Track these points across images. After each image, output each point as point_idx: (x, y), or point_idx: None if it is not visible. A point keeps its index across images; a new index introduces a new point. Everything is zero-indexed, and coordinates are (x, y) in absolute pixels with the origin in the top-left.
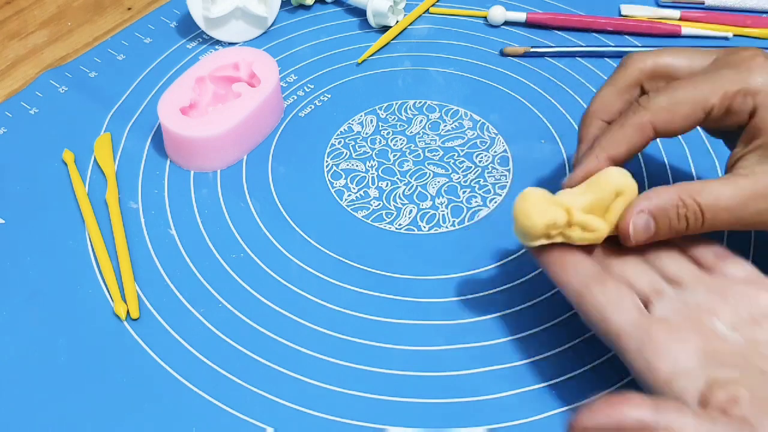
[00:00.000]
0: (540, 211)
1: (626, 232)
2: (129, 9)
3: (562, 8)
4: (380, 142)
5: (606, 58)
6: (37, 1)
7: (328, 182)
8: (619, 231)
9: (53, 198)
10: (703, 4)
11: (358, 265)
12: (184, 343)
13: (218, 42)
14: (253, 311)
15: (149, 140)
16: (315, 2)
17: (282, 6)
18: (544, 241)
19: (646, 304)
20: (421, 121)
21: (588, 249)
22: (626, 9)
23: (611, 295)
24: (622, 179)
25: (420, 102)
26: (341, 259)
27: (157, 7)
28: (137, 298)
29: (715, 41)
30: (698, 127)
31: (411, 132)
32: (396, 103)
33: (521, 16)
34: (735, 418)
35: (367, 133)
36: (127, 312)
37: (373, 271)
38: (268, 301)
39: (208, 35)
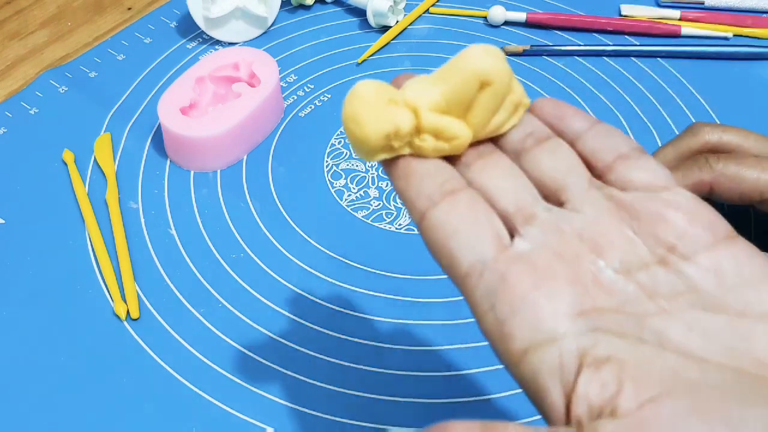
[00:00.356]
0: (376, 116)
1: None
2: (129, 9)
3: (562, 8)
4: None
5: (605, 58)
6: (37, 1)
7: (328, 182)
8: None
9: (53, 198)
10: (703, 4)
11: (358, 265)
12: (184, 343)
13: (218, 42)
14: (253, 311)
15: (149, 140)
16: (315, 2)
17: (282, 6)
18: (385, 156)
19: (512, 233)
20: None
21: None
22: (626, 9)
23: (464, 217)
24: (487, 63)
25: None
26: (341, 259)
27: (157, 7)
28: (137, 298)
29: (715, 41)
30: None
31: None
32: None
33: (521, 16)
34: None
35: None
36: (127, 312)
37: (373, 271)
38: (268, 301)
39: (208, 35)
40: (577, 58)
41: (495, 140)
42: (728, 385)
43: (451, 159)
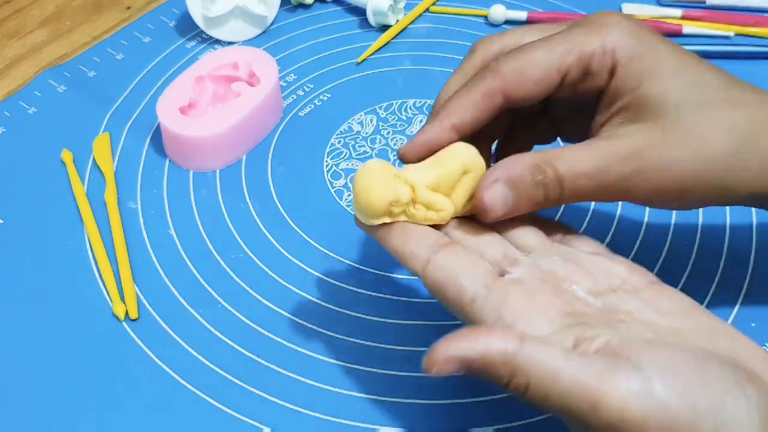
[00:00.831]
0: (382, 186)
1: (482, 205)
2: (128, 8)
3: (563, 7)
4: (380, 142)
5: None
6: (36, 1)
7: (327, 182)
8: (475, 206)
9: (52, 198)
10: (705, 3)
11: (358, 265)
12: (182, 343)
13: (218, 41)
14: (253, 311)
15: (148, 140)
16: (314, 1)
17: (281, 5)
18: (386, 220)
19: (501, 274)
20: (422, 120)
21: (434, 225)
22: (627, 8)
23: (462, 260)
24: (469, 155)
25: (420, 101)
26: (341, 259)
27: (156, 6)
28: (136, 298)
29: (717, 40)
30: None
31: (411, 132)
32: (396, 103)
33: (522, 15)
34: (608, 354)
35: (367, 133)
36: (126, 312)
37: (373, 271)
38: (267, 301)
39: (207, 34)
40: None
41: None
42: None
43: (438, 228)
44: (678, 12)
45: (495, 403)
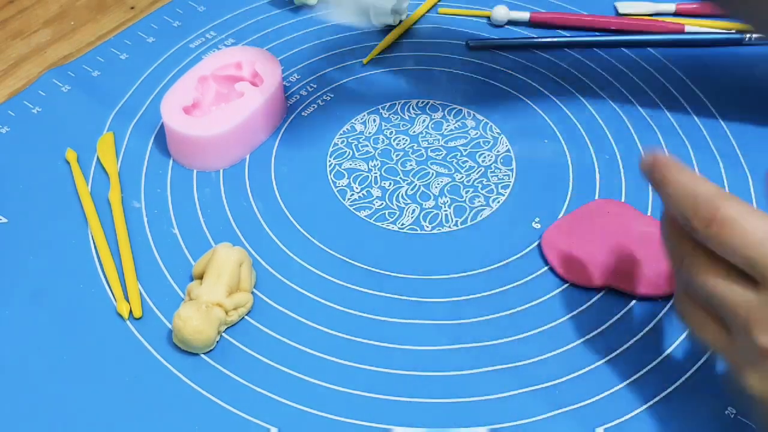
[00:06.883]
0: (208, 323)
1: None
2: (132, 8)
3: (565, 7)
4: (383, 142)
5: (597, 49)
6: (40, 1)
7: (330, 182)
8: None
9: (56, 197)
10: None
11: (361, 265)
12: None
13: (221, 41)
14: (256, 311)
15: (152, 139)
16: (318, 1)
17: (285, 5)
18: (216, 339)
19: None
20: (424, 120)
21: None
22: (622, 7)
23: None
24: (236, 251)
25: (423, 101)
26: (344, 258)
27: (160, 6)
28: (140, 297)
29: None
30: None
31: (414, 132)
32: (399, 103)
33: (525, 16)
34: None
35: (369, 133)
36: (130, 311)
37: (376, 270)
38: (271, 300)
39: (211, 34)
40: (580, 57)
41: None
42: None
43: None
44: (671, 6)
45: (499, 402)
